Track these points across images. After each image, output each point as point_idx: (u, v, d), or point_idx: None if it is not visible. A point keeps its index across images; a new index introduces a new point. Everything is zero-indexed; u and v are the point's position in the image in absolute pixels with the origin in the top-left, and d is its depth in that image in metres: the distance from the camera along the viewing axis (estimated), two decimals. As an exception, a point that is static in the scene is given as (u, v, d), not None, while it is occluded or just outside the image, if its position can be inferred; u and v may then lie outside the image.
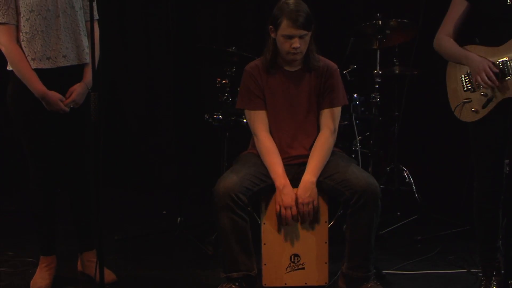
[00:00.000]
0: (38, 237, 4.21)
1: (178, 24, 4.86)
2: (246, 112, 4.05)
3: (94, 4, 3.90)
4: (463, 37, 3.92)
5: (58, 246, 4.25)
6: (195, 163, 6.69)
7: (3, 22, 3.89)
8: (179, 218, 4.99)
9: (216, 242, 4.63)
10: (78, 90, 3.99)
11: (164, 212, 5.76)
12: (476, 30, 3.86)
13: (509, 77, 3.63)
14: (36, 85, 3.89)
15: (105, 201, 3.69)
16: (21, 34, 3.90)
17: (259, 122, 3.98)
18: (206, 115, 5.18)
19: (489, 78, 3.61)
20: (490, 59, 3.66)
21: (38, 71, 3.91)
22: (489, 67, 3.62)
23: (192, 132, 6.51)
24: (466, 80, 3.80)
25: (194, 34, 6.69)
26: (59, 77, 3.96)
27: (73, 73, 4.02)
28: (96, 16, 4.08)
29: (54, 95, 3.92)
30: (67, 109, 3.96)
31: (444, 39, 3.90)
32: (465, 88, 3.81)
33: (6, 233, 5.22)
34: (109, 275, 4.11)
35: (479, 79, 3.63)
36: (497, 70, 3.63)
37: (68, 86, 3.98)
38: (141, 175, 6.81)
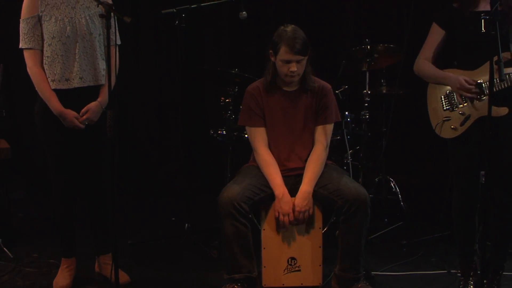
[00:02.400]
0: (60, 241, 4.23)
1: (186, 48, 4.88)
2: (247, 128, 4.07)
3: (116, 31, 3.96)
4: (442, 61, 3.96)
5: (78, 249, 4.26)
6: (201, 174, 6.69)
7: (30, 47, 3.93)
8: (186, 225, 4.99)
9: (220, 247, 4.65)
10: (92, 108, 4.01)
11: (173, 218, 5.75)
12: (455, 55, 3.89)
13: (484, 98, 3.66)
14: (54, 104, 3.92)
15: (119, 209, 3.73)
16: (44, 58, 3.94)
17: (258, 138, 4.00)
18: (211, 131, 5.20)
19: (468, 90, 3.65)
20: None
21: (57, 91, 3.94)
22: (465, 80, 3.67)
23: (199, 146, 6.52)
24: (445, 100, 3.83)
25: (201, 57, 6.72)
26: (76, 97, 3.99)
27: (89, 93, 4.05)
28: (118, 41, 4.11)
29: (70, 113, 3.94)
30: (82, 126, 3.98)
31: (423, 63, 3.93)
32: (445, 108, 3.83)
33: (31, 237, 5.22)
34: (123, 276, 4.12)
35: (463, 92, 3.69)
36: (473, 82, 3.67)
37: (84, 105, 4.00)
38: (152, 185, 6.81)
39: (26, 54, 3.96)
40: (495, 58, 3.32)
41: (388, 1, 6.43)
